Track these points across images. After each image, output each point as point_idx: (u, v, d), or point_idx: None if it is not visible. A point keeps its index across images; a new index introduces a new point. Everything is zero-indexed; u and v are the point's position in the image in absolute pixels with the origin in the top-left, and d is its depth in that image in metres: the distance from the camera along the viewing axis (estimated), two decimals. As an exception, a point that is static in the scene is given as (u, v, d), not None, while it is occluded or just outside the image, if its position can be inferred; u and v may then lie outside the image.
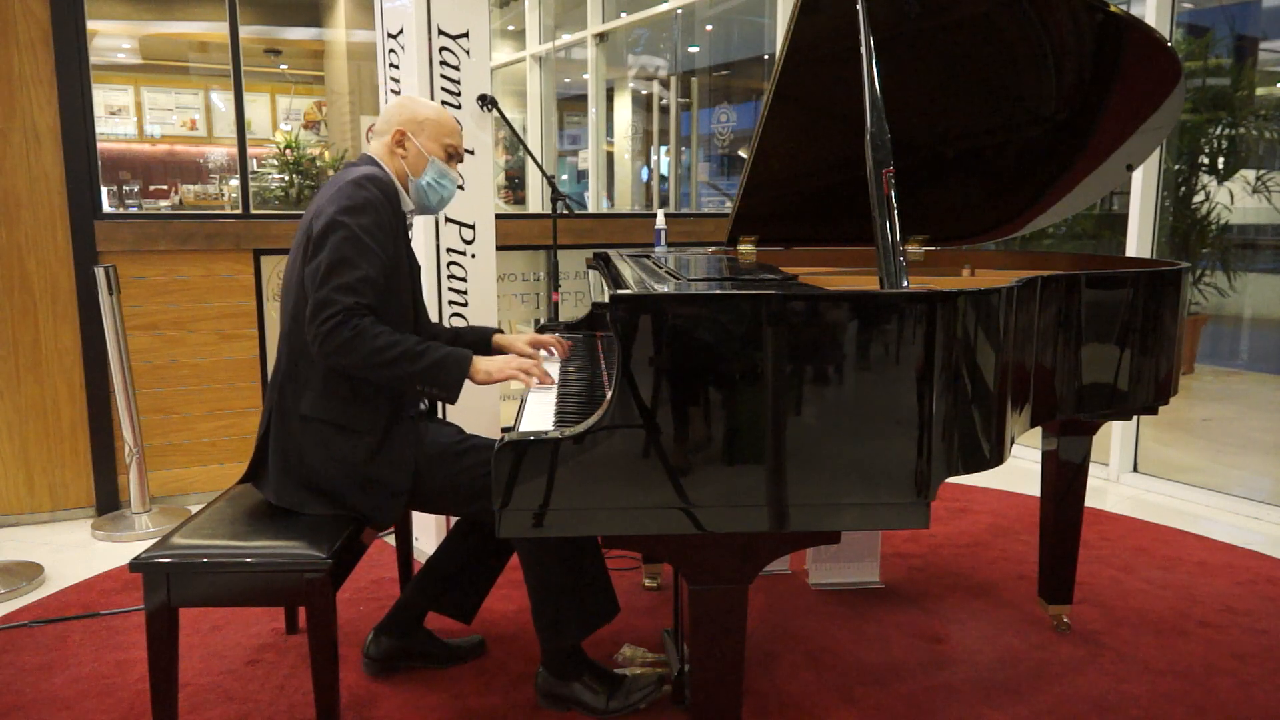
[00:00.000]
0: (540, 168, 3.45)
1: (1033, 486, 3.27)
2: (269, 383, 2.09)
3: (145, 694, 2.13)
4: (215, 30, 6.89)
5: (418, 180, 2.10)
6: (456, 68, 2.77)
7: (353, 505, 1.96)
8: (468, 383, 1.92)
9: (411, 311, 2.10)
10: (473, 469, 1.94)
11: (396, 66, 2.82)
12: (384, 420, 1.96)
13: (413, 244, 2.33)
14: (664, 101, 7.68)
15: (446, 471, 1.97)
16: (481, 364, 1.93)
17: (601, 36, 7.14)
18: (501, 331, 2.35)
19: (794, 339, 1.50)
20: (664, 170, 7.76)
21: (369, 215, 1.90)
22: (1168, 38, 3.18)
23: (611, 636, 2.39)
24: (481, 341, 2.32)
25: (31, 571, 2.89)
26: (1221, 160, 5.31)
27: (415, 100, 2.15)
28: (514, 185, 8.94)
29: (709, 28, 7.23)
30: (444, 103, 2.76)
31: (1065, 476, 2.45)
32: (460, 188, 2.83)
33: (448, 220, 2.82)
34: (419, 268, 2.25)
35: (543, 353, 2.30)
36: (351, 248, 1.86)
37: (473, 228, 2.87)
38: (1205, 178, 5.34)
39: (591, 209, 7.44)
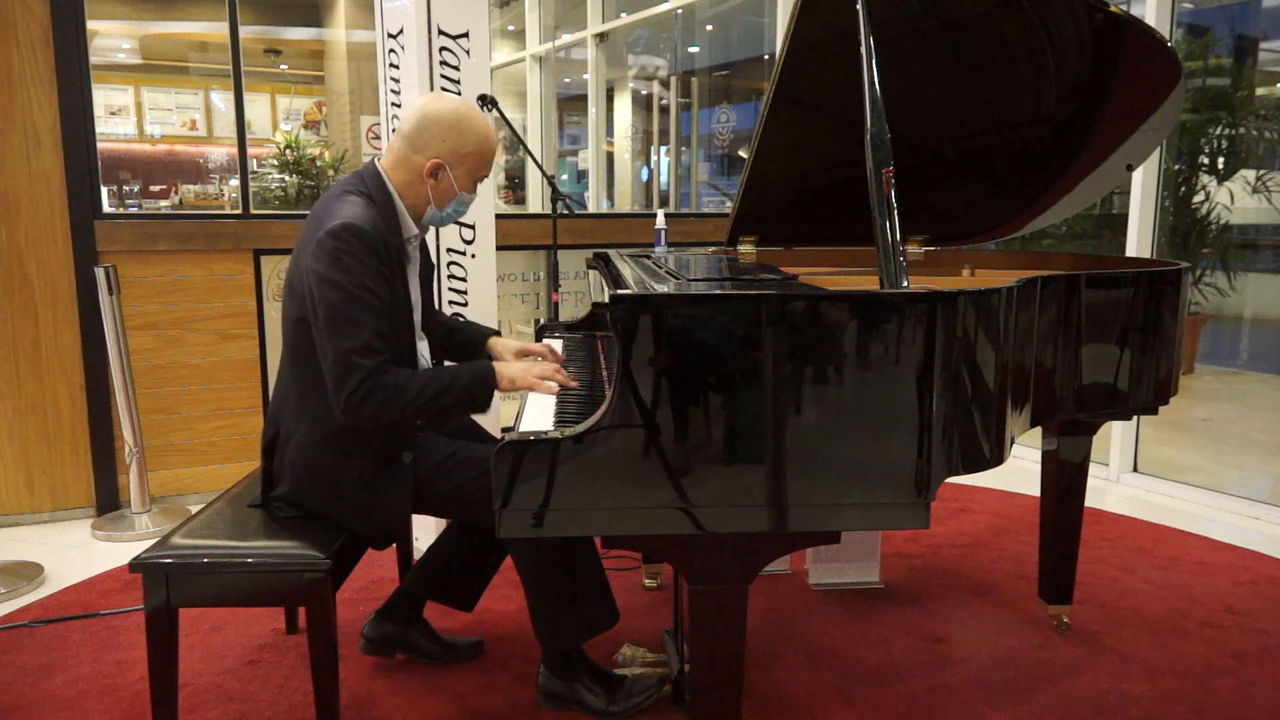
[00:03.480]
0: (540, 168, 3.45)
1: (1033, 486, 3.27)
2: (267, 413, 2.04)
3: (145, 694, 2.13)
4: (215, 30, 6.89)
5: (439, 211, 1.97)
6: (456, 68, 2.77)
7: (356, 530, 1.95)
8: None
9: (411, 350, 2.01)
10: (467, 482, 1.92)
11: (396, 66, 2.82)
12: (370, 468, 1.91)
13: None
14: (664, 101, 7.69)
15: (441, 485, 1.95)
16: (505, 372, 1.87)
17: (601, 36, 7.13)
18: (499, 334, 2.27)
19: (794, 339, 1.50)
20: (664, 171, 7.76)
21: (357, 271, 1.77)
22: (1168, 38, 3.18)
23: (612, 636, 2.38)
24: (476, 341, 2.25)
25: (31, 571, 2.89)
26: (1221, 160, 5.31)
27: (462, 120, 1.90)
28: (514, 185, 8.94)
29: (709, 28, 7.23)
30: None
31: (1065, 476, 2.45)
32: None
33: (448, 220, 2.82)
34: (432, 268, 2.19)
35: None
36: (354, 307, 1.75)
37: (473, 228, 2.87)
38: (1205, 178, 5.34)
39: (591, 209, 7.44)
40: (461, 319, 2.54)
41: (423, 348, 2.12)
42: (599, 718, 2.06)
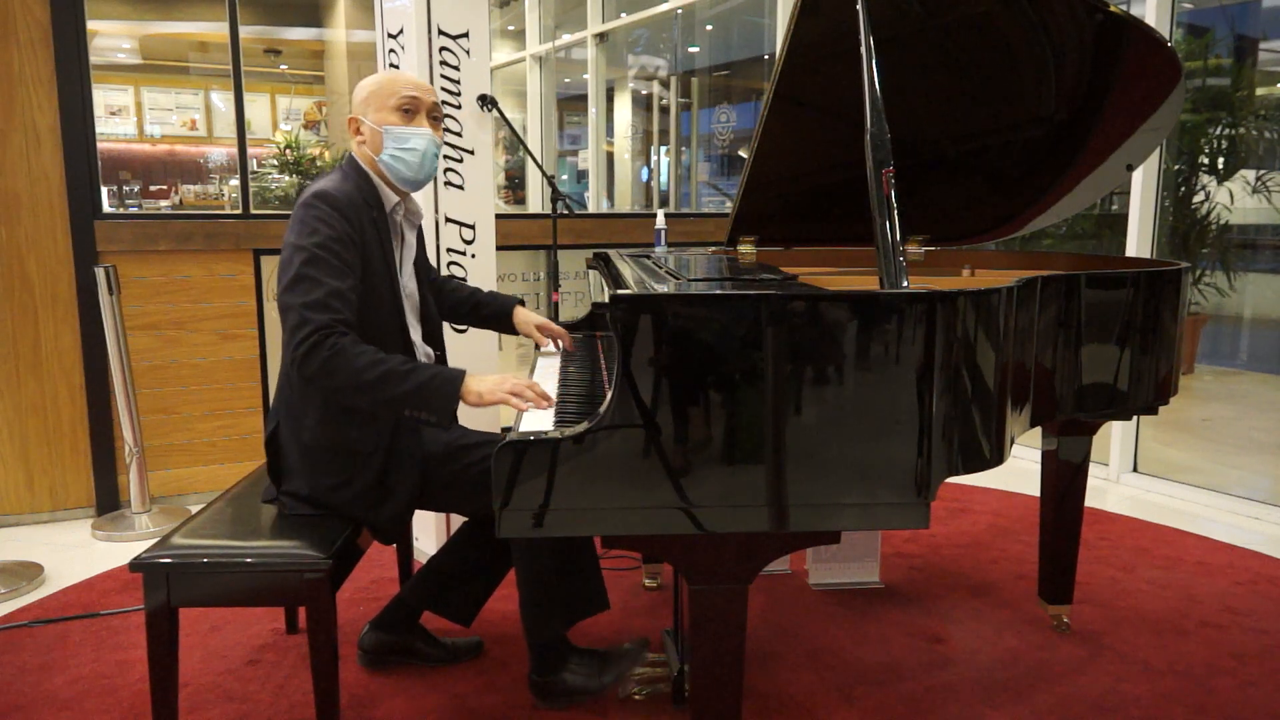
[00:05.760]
0: (540, 168, 3.45)
1: (1033, 486, 3.27)
2: (271, 406, 2.06)
3: (145, 694, 2.13)
4: (215, 30, 6.89)
5: (382, 157, 1.99)
6: (456, 68, 2.77)
7: (364, 522, 1.96)
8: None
9: (398, 328, 2.01)
10: (475, 465, 1.94)
11: (396, 66, 2.82)
12: (388, 435, 1.93)
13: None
14: (664, 101, 7.69)
15: (449, 469, 1.96)
16: (473, 384, 1.80)
17: (601, 36, 7.14)
18: (523, 304, 2.36)
19: (794, 339, 1.50)
20: (664, 171, 7.76)
21: (322, 232, 1.83)
22: (1168, 38, 3.18)
23: (612, 636, 2.39)
24: (503, 313, 2.34)
25: (31, 571, 2.89)
26: (1221, 160, 5.32)
27: (363, 81, 2.05)
28: (514, 185, 8.94)
29: (709, 28, 7.24)
30: (444, 102, 2.76)
31: (1065, 476, 2.45)
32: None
33: (448, 220, 2.82)
34: (429, 268, 2.23)
35: (550, 346, 2.32)
36: (313, 267, 1.79)
37: (473, 228, 2.87)
38: (1205, 178, 5.34)
39: (591, 209, 7.45)
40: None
41: (417, 337, 2.10)
42: (593, 694, 2.07)
